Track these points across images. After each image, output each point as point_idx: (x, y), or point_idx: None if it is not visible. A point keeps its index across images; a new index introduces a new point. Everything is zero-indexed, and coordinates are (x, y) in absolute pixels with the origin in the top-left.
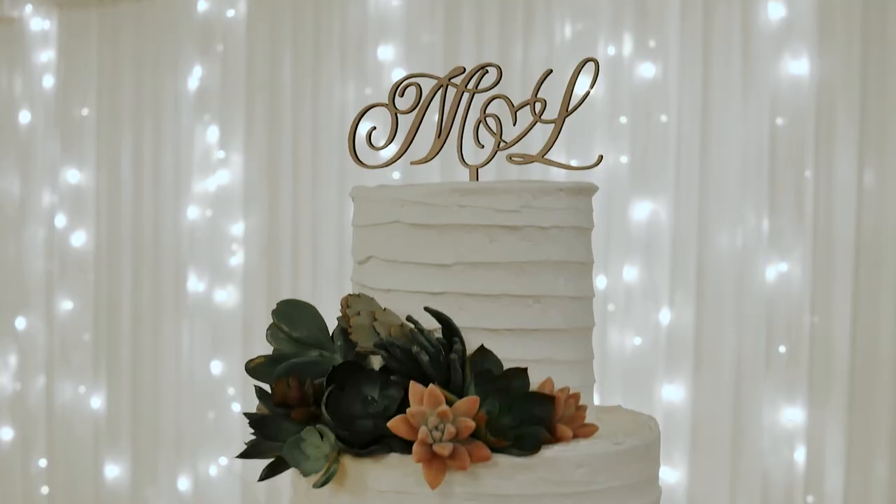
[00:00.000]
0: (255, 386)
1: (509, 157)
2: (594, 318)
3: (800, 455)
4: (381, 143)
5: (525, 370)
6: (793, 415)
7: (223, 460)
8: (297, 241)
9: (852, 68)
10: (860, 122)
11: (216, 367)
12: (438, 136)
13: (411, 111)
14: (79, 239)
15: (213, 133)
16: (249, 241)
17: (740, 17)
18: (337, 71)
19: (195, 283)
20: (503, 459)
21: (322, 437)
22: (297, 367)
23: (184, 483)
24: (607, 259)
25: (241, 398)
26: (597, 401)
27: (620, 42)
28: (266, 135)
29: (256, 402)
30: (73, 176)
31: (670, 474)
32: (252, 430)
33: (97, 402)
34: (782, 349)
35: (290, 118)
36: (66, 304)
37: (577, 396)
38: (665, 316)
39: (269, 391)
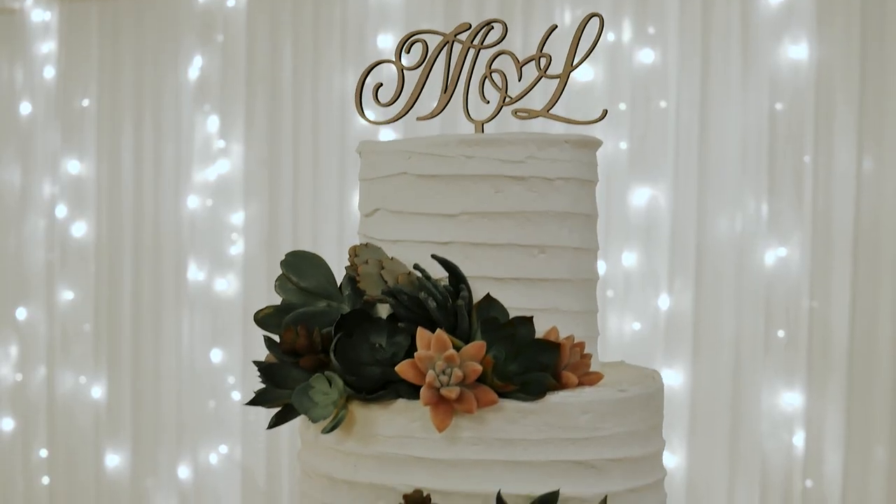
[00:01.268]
0: (263, 335)
1: (514, 112)
2: (598, 272)
3: (799, 439)
4: (388, 100)
5: (531, 318)
6: (792, 399)
7: (223, 449)
8: (297, 231)
9: (851, 53)
10: (859, 106)
11: (216, 355)
12: (444, 92)
13: (417, 67)
14: (79, 229)
15: (213, 123)
16: (249, 230)
17: (739, 2)
18: (337, 60)
19: (195, 273)
20: (509, 404)
21: (330, 383)
22: (306, 317)
23: (184, 472)
24: (607, 245)
25: (241, 387)
26: None
27: (620, 28)
28: (266, 124)
29: (256, 391)
30: (73, 167)
31: (669, 459)
32: (261, 378)
33: (98, 391)
34: (781, 334)
35: (290, 107)
36: (67, 295)
37: (581, 345)
38: (664, 301)
39: (278, 341)
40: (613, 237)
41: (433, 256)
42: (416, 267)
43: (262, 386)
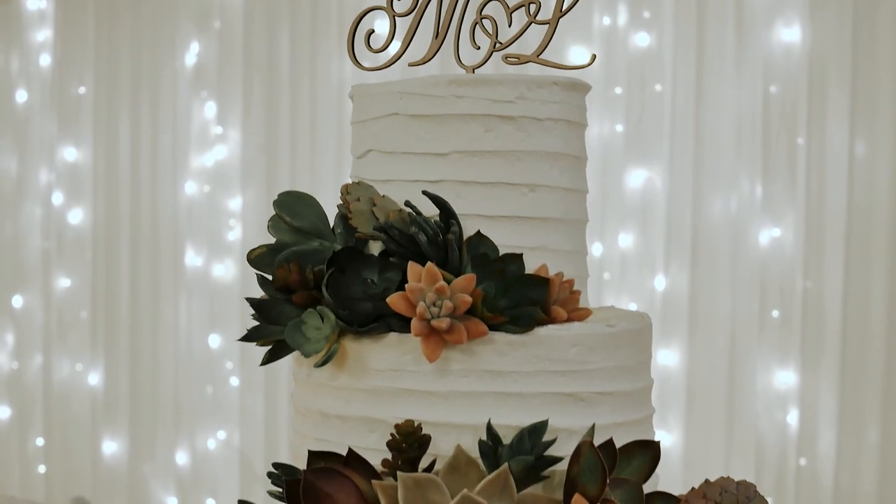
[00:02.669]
0: (256, 274)
1: (505, 58)
2: (587, 215)
3: (793, 418)
4: (380, 46)
5: (520, 255)
6: (786, 378)
7: (221, 434)
8: None
9: (844, 36)
10: (851, 88)
11: (214, 341)
12: (436, 38)
13: (409, 14)
14: (76, 216)
15: (210, 109)
16: (247, 216)
17: None
18: (334, 46)
19: (193, 259)
20: (499, 337)
21: (322, 319)
22: (299, 255)
23: (182, 458)
24: (603, 227)
25: (239, 372)
26: None
27: (615, 12)
28: (263, 110)
29: (254, 375)
30: (70, 154)
31: (665, 438)
32: (254, 315)
33: (94, 378)
34: (775, 313)
35: (287, 93)
36: (64, 282)
37: (571, 282)
38: (660, 282)
39: (271, 279)
40: (609, 219)
41: (424, 193)
42: (408, 204)
43: (256, 324)
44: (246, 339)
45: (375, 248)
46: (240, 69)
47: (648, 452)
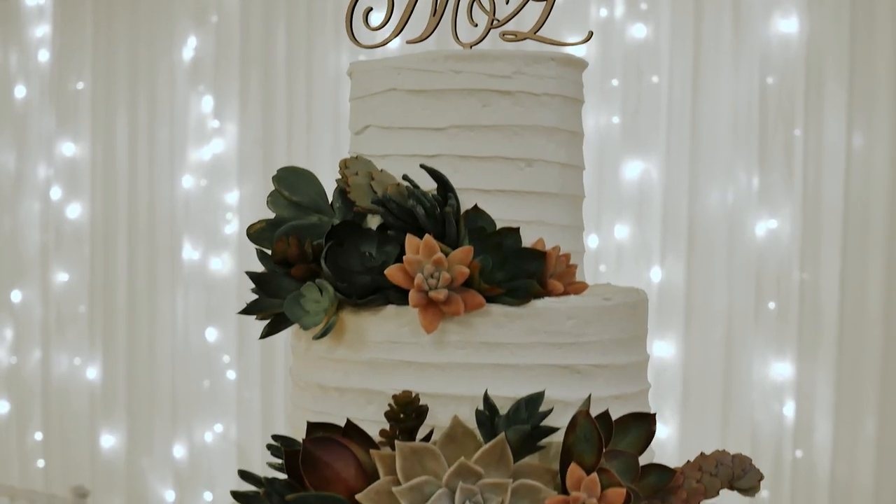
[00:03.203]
0: (256, 249)
1: (502, 35)
2: (584, 191)
3: (789, 409)
4: (378, 24)
5: (517, 229)
6: (782, 370)
7: (219, 428)
8: None
9: (841, 27)
10: (849, 79)
11: (211, 334)
12: (433, 15)
13: None
14: (74, 211)
15: (207, 103)
16: (244, 209)
17: None
18: (331, 40)
19: (190, 252)
20: (496, 309)
21: (321, 291)
22: (298, 229)
23: (179, 451)
24: (599, 218)
25: (236, 365)
26: None
27: (612, 3)
28: (260, 104)
29: (251, 369)
30: (68, 149)
31: (661, 429)
32: (253, 288)
33: (93, 372)
34: (772, 305)
35: (284, 87)
36: (62, 277)
37: (567, 255)
38: (656, 274)
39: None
40: (605, 210)
41: (422, 166)
42: (405, 178)
43: (255, 297)
44: (245, 311)
45: (374, 222)
46: (237, 63)
47: (644, 425)
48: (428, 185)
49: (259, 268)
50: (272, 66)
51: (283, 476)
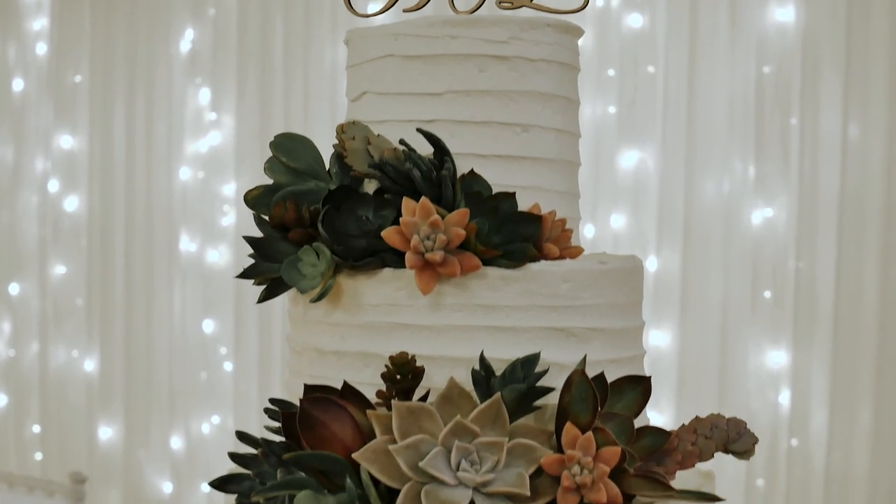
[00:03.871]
0: (254, 214)
1: (498, 2)
2: (580, 159)
3: (784, 398)
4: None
5: (513, 193)
6: (778, 358)
7: (216, 419)
8: None
9: (837, 17)
10: (845, 69)
11: (208, 326)
12: None
13: None
14: (71, 204)
15: (204, 95)
16: (241, 201)
17: None
18: (328, 32)
19: (187, 244)
20: (492, 271)
21: (318, 255)
22: (295, 194)
23: (176, 442)
24: (595, 207)
25: (233, 357)
26: None
27: None
28: (257, 96)
29: (248, 360)
30: (66, 142)
31: (657, 419)
32: (251, 253)
33: (90, 365)
34: (768, 294)
35: (281, 79)
36: (60, 269)
37: (563, 220)
38: (652, 263)
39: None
40: (602, 200)
41: (418, 130)
42: (402, 142)
43: (252, 262)
44: (243, 276)
45: (370, 187)
46: (234, 56)
47: (639, 388)
48: (425, 150)
49: (257, 234)
50: (269, 59)
51: (280, 438)
